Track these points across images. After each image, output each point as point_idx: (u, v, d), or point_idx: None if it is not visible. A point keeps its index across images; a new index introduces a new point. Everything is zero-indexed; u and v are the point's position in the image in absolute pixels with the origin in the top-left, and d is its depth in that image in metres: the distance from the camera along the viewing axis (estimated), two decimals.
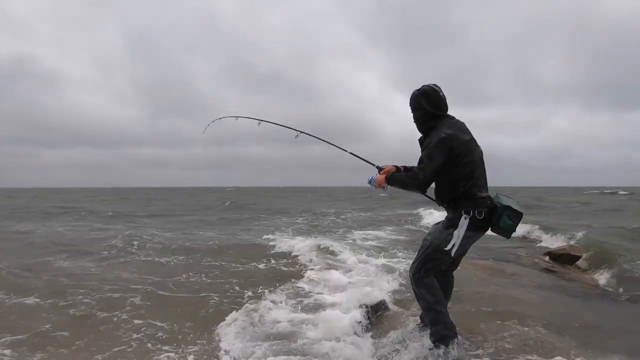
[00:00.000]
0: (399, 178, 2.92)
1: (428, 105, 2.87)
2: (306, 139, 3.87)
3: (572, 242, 8.54)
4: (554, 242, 9.17)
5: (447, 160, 2.73)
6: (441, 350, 2.80)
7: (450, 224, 2.82)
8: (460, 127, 2.86)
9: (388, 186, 3.00)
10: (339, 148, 3.64)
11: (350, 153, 3.51)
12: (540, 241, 9.63)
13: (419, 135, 3.02)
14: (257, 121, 4.13)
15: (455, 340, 2.85)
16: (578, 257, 7.00)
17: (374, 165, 3.28)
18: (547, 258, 7.19)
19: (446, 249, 2.79)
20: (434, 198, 2.99)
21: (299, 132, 3.81)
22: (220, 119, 4.52)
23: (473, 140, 2.86)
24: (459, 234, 2.74)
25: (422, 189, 2.84)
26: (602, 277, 6.11)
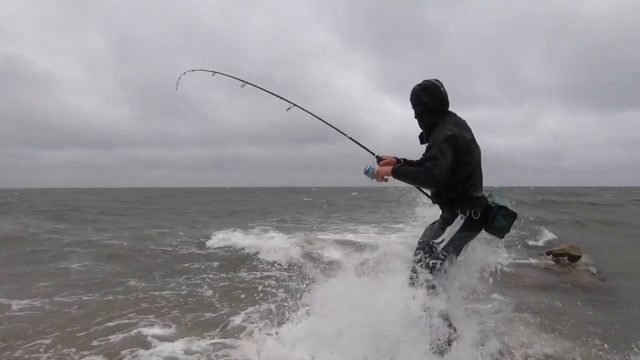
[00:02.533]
0: (410, 172, 2.69)
1: (429, 101, 2.77)
2: (302, 142, 3.59)
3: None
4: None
5: (453, 159, 2.59)
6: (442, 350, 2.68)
7: (446, 224, 2.75)
8: (463, 125, 2.77)
9: (389, 179, 2.79)
10: (338, 131, 3.36)
11: (350, 138, 3.27)
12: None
13: (410, 134, 2.94)
14: (241, 83, 3.75)
15: (456, 338, 2.73)
16: (578, 257, 6.87)
17: (373, 154, 3.05)
18: (548, 257, 7.13)
19: (437, 241, 2.72)
20: (430, 196, 2.89)
21: (292, 105, 3.53)
22: (192, 71, 4.20)
23: (474, 139, 2.79)
24: (451, 231, 2.69)
25: (437, 186, 2.67)
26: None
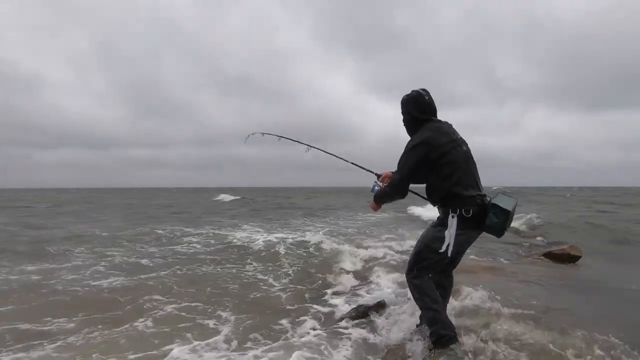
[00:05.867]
0: (382, 192, 3.05)
1: (414, 110, 2.99)
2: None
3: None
4: None
5: (422, 163, 2.83)
6: (442, 350, 2.78)
7: (439, 223, 2.90)
8: (440, 129, 2.92)
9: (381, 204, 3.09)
10: (343, 160, 3.84)
11: (352, 163, 3.71)
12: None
13: (401, 134, 3.15)
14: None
15: (456, 340, 2.83)
16: (578, 257, 6.59)
17: (372, 172, 3.45)
18: (546, 258, 6.85)
19: (441, 250, 2.82)
20: (427, 199, 3.04)
21: (309, 147, 4.07)
22: (262, 134, 4.45)
23: (455, 140, 2.91)
24: (450, 233, 2.78)
25: (401, 193, 2.95)
26: None
